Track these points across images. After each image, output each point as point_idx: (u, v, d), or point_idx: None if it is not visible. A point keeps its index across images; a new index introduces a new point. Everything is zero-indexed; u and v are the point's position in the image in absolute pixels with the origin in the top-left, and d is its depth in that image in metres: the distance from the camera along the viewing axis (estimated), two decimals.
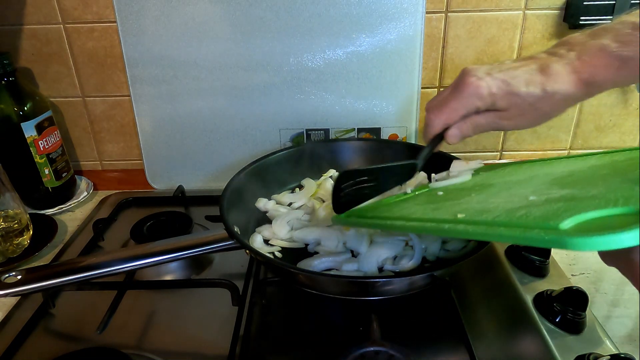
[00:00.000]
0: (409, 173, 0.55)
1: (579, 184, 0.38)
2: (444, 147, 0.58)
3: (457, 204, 0.43)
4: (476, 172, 0.58)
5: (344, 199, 0.52)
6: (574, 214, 0.28)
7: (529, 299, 0.54)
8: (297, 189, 0.72)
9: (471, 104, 0.49)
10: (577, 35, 0.47)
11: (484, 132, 0.52)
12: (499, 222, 0.33)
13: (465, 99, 0.49)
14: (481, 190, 0.47)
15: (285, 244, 0.61)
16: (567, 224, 0.28)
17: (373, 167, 0.54)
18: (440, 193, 0.52)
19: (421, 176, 0.67)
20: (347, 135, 0.82)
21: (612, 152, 0.49)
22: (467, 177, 0.55)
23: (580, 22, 0.73)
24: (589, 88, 0.46)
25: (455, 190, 0.51)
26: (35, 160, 0.76)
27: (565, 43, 0.47)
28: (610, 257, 0.30)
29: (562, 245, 0.26)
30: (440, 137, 0.53)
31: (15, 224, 0.67)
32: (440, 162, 0.63)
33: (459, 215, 0.38)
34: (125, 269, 0.53)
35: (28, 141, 0.74)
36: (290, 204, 0.68)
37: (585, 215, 0.28)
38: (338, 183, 0.51)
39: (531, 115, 0.48)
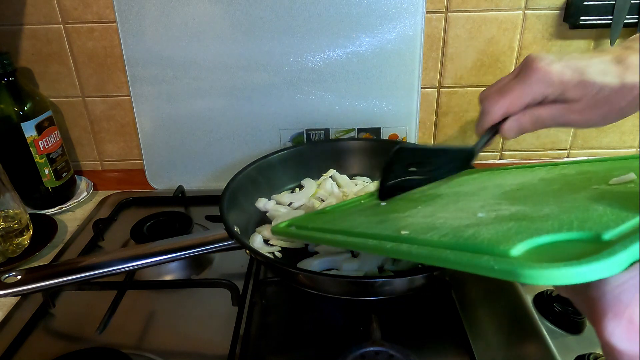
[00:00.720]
0: (465, 161, 0.49)
1: (530, 200, 0.35)
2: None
3: (402, 218, 0.41)
4: None
5: (392, 184, 0.47)
6: (526, 238, 0.26)
7: (529, 299, 0.54)
8: (297, 189, 0.72)
9: (538, 91, 0.43)
10: None
11: (544, 127, 0.45)
12: (446, 244, 0.30)
13: (532, 85, 0.42)
14: (428, 201, 0.44)
15: (285, 244, 0.61)
16: (518, 249, 0.25)
17: (430, 148, 0.48)
18: (384, 203, 0.49)
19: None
20: (347, 135, 0.82)
21: (561, 164, 0.46)
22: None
23: (580, 22, 0.73)
24: None
25: (402, 200, 0.49)
26: (35, 160, 0.76)
27: (636, 38, 0.42)
28: (565, 289, 0.27)
29: (513, 277, 0.23)
30: (495, 129, 0.46)
31: (15, 224, 0.67)
32: None
33: (403, 232, 0.35)
34: (125, 269, 0.53)
35: (28, 141, 0.74)
36: (290, 204, 0.68)
37: (537, 240, 0.26)
38: (390, 163, 0.47)
39: (603, 110, 0.42)
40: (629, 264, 0.21)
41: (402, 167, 0.47)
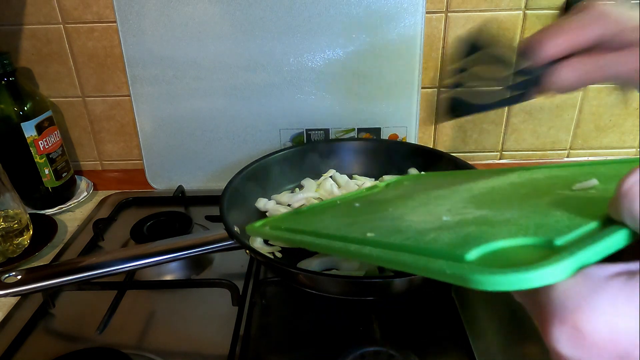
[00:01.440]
0: (528, 87, 0.41)
1: (495, 204, 0.35)
2: (441, 146, 0.58)
3: (372, 220, 0.41)
4: (401, 182, 0.55)
5: (458, 89, 0.42)
6: (482, 242, 0.26)
7: None
8: (297, 189, 0.72)
9: (594, 32, 0.37)
10: None
11: (594, 82, 0.39)
12: (406, 247, 0.30)
13: (587, 25, 0.37)
14: (399, 204, 0.45)
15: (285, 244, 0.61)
16: (473, 254, 0.25)
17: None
18: (357, 204, 0.49)
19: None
20: (347, 135, 0.82)
21: (533, 168, 0.46)
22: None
23: None
24: None
25: (376, 202, 0.49)
26: (35, 160, 0.76)
27: None
28: (517, 293, 0.26)
29: (463, 282, 0.23)
30: (538, 77, 0.39)
31: (15, 224, 0.67)
32: (432, 161, 0.63)
33: (369, 235, 0.35)
34: (125, 269, 0.53)
35: (28, 141, 0.74)
36: (290, 204, 0.68)
37: (492, 245, 0.26)
38: (474, 40, 0.40)
39: None
40: (575, 270, 0.21)
41: (482, 57, 0.41)
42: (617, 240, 0.22)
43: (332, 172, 0.73)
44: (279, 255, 0.59)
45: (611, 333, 0.20)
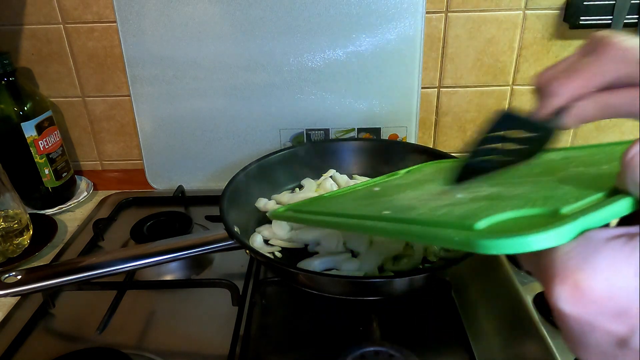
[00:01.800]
0: (545, 140, 0.41)
1: (508, 182, 0.36)
2: (441, 146, 0.58)
3: (389, 201, 0.43)
4: (420, 169, 0.57)
5: (477, 161, 0.41)
6: (491, 214, 0.27)
7: (529, 299, 0.54)
8: (297, 189, 0.72)
9: (613, 70, 0.36)
10: None
11: (612, 117, 0.38)
12: (418, 220, 0.32)
13: (606, 63, 0.36)
14: (417, 186, 0.46)
15: (285, 244, 0.61)
16: (482, 224, 0.26)
17: (531, 119, 0.39)
18: (377, 189, 0.51)
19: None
20: (347, 135, 0.82)
21: (552, 150, 0.43)
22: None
23: (581, 22, 0.73)
24: None
25: (394, 186, 0.51)
26: (35, 160, 0.76)
27: None
28: (525, 260, 0.28)
29: (470, 247, 0.24)
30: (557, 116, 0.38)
31: (15, 224, 0.67)
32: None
33: (384, 212, 0.37)
34: (125, 269, 0.53)
35: (28, 141, 0.74)
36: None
37: (501, 216, 0.27)
38: (493, 128, 0.40)
39: None
40: (577, 234, 0.22)
41: (497, 139, 0.41)
42: (620, 207, 0.23)
43: (332, 172, 0.73)
44: (279, 255, 0.59)
45: (610, 290, 0.21)
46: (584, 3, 0.71)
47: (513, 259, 0.60)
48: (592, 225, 0.23)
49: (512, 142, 0.42)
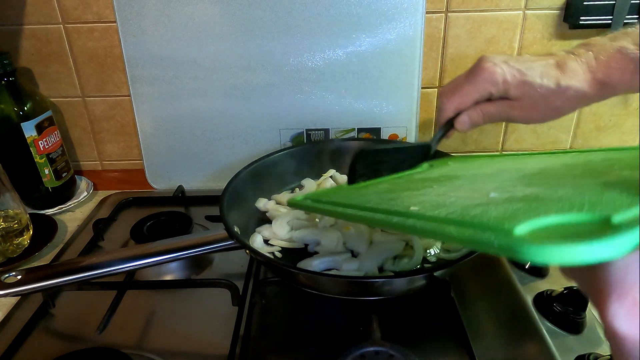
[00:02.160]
0: (423, 155, 0.55)
1: (546, 183, 0.35)
2: (441, 146, 0.58)
3: (415, 196, 0.41)
4: (446, 162, 0.56)
5: (359, 180, 0.52)
6: (532, 217, 0.25)
7: (529, 299, 0.54)
8: (297, 189, 0.72)
9: (484, 89, 0.49)
10: (598, 38, 0.47)
11: (493, 121, 0.53)
12: (451, 220, 0.30)
13: (479, 83, 0.49)
14: (444, 182, 0.45)
15: (285, 244, 0.61)
16: (522, 228, 0.24)
17: (389, 148, 0.53)
18: (401, 181, 0.51)
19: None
20: (347, 135, 0.82)
21: (589, 151, 0.46)
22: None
23: (580, 22, 0.73)
24: (603, 89, 0.46)
25: (419, 180, 0.50)
26: (35, 160, 0.76)
27: (585, 44, 0.48)
28: (571, 272, 0.27)
29: (512, 253, 0.23)
30: (450, 123, 0.54)
31: (15, 224, 0.67)
32: None
33: (412, 208, 0.35)
34: (125, 269, 0.53)
35: (28, 141, 0.74)
36: None
37: (544, 220, 0.25)
38: (353, 164, 0.51)
39: (542, 109, 0.48)
40: (634, 247, 0.20)
41: (366, 166, 0.52)
42: None
43: (332, 172, 0.73)
44: (279, 255, 0.59)
45: None
46: (584, 3, 0.71)
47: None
48: None
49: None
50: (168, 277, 0.64)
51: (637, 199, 0.25)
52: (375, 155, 0.52)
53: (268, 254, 0.58)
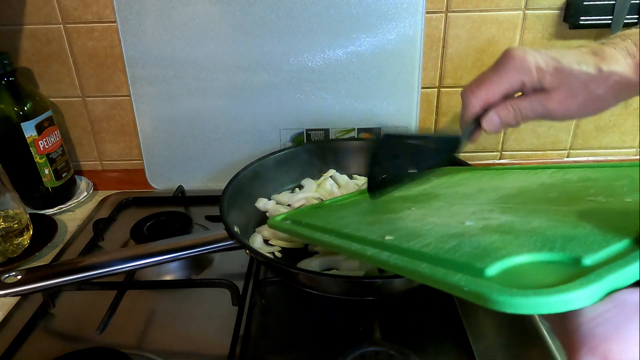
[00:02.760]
0: (452, 150, 0.48)
1: (521, 210, 0.34)
2: None
3: (393, 220, 0.40)
4: (430, 177, 0.54)
5: (381, 176, 0.46)
6: (505, 256, 0.25)
7: None
8: (297, 189, 0.72)
9: (516, 79, 0.43)
10: (629, 30, 0.43)
11: (527, 119, 0.45)
12: (425, 255, 0.29)
13: (509, 72, 0.43)
14: (424, 202, 0.44)
15: (285, 244, 0.61)
16: (494, 268, 0.24)
17: (417, 134, 0.48)
18: (382, 199, 0.49)
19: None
20: (347, 135, 0.82)
21: (567, 167, 0.45)
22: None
23: (580, 22, 0.73)
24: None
25: (399, 198, 0.48)
26: (35, 160, 0.76)
27: (617, 35, 0.43)
28: (545, 316, 0.25)
29: (482, 302, 0.22)
30: (477, 122, 0.46)
31: (15, 224, 0.67)
32: None
33: (387, 238, 0.34)
34: (125, 269, 0.53)
35: (28, 141, 0.74)
36: (290, 204, 0.68)
37: (515, 259, 0.24)
38: (376, 153, 0.46)
39: (583, 99, 0.41)
40: (604, 295, 0.20)
41: (389, 157, 0.46)
42: None
43: (332, 172, 0.73)
44: (279, 255, 0.59)
45: None
46: (584, 3, 0.71)
47: None
48: (619, 284, 0.20)
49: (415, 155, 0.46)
50: (168, 277, 0.64)
51: (607, 237, 0.24)
52: (401, 142, 0.47)
53: (268, 254, 0.58)
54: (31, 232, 0.69)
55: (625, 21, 0.72)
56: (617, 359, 0.19)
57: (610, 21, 0.72)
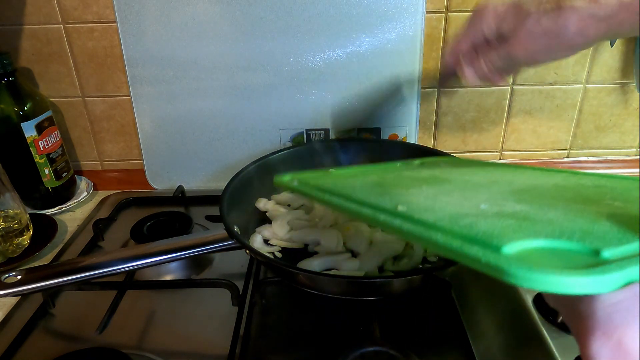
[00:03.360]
0: None
1: (537, 202, 0.34)
2: (441, 146, 0.58)
3: (403, 194, 0.40)
4: (438, 163, 0.54)
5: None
6: (522, 238, 0.25)
7: (529, 299, 0.54)
8: None
9: (477, 28, 0.48)
10: None
11: (501, 72, 0.50)
12: (439, 227, 0.29)
13: (472, 24, 0.48)
14: (434, 183, 0.44)
15: (285, 244, 0.61)
16: (511, 247, 0.24)
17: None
18: (390, 176, 0.49)
19: None
20: (347, 136, 0.82)
21: (581, 173, 0.45)
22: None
23: None
24: (605, 12, 0.39)
25: (408, 178, 0.48)
26: (35, 160, 0.76)
27: None
28: (555, 300, 0.26)
29: (498, 273, 0.22)
30: (454, 74, 0.53)
31: (15, 224, 0.67)
32: None
33: (400, 207, 0.34)
34: (125, 269, 0.53)
35: (28, 141, 0.74)
36: (290, 204, 0.68)
37: (533, 242, 0.25)
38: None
39: (545, 40, 0.42)
40: (623, 285, 0.20)
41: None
42: None
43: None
44: (279, 255, 0.59)
45: None
46: None
47: None
48: (637, 277, 0.20)
49: None
50: (168, 277, 0.64)
51: (627, 236, 0.24)
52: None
53: (268, 254, 0.58)
54: (31, 232, 0.69)
55: None
56: (632, 345, 0.20)
57: None
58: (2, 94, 0.72)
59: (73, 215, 0.81)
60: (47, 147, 0.76)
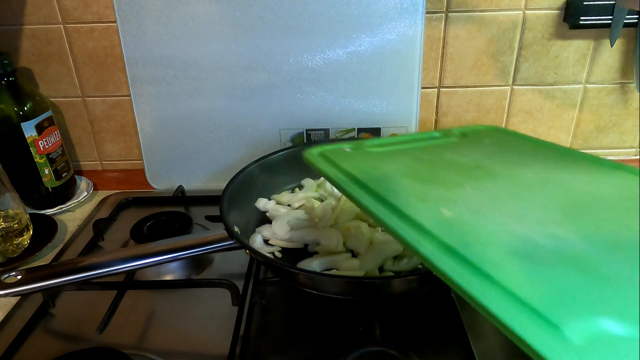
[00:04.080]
0: None
1: (599, 231, 0.28)
2: None
3: (446, 199, 0.35)
4: (479, 138, 0.48)
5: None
6: (586, 315, 0.20)
7: None
8: (297, 189, 0.72)
9: None
10: None
11: None
12: (486, 275, 0.25)
13: None
14: (478, 179, 0.39)
15: (285, 244, 0.61)
16: (574, 329, 0.19)
17: None
18: (427, 157, 0.43)
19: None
20: (347, 135, 0.82)
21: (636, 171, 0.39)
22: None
23: (580, 22, 0.73)
24: None
25: (450, 165, 0.42)
26: (35, 160, 0.76)
27: None
28: None
29: None
30: None
31: (15, 224, 0.67)
32: None
33: (445, 212, 0.30)
34: (125, 269, 0.53)
35: (28, 141, 0.74)
36: (290, 204, 0.68)
37: (599, 322, 0.19)
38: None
39: None
40: None
41: None
42: None
43: None
44: (279, 255, 0.59)
45: None
46: (584, 3, 0.71)
47: None
48: None
49: None
50: (168, 277, 0.64)
51: None
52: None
53: (268, 254, 0.58)
54: (31, 232, 0.69)
55: (625, 21, 0.72)
56: None
57: (610, 21, 0.72)
58: (2, 94, 0.72)
59: (73, 215, 0.81)
60: (47, 147, 0.76)
